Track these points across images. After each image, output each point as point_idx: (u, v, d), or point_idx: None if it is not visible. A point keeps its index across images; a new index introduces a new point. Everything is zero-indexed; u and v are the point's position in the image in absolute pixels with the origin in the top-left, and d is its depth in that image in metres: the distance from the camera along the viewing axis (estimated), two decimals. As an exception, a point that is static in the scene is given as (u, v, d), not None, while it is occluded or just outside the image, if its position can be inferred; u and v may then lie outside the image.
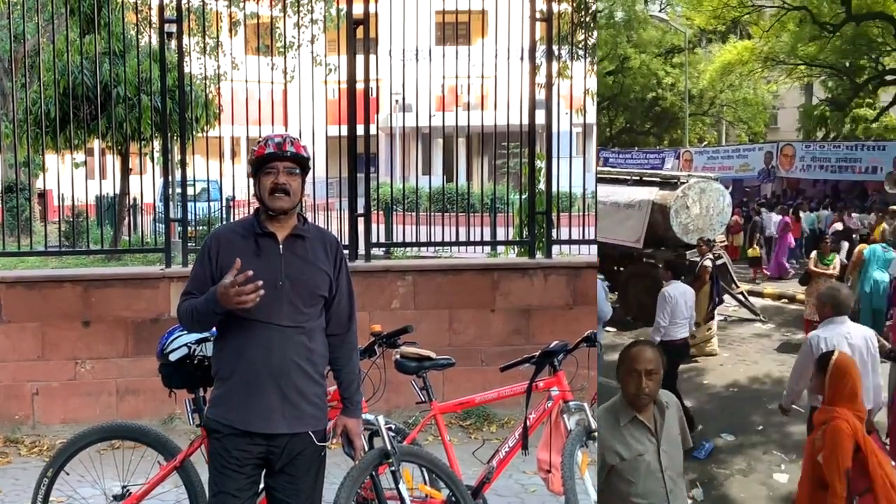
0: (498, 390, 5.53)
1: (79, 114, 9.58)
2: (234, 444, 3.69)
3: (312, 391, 3.75)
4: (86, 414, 7.48)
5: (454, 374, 6.52)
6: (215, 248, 3.75)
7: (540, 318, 8.07)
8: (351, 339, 3.94)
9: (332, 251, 3.86)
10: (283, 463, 3.72)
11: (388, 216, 11.43)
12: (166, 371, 4.60)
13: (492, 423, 7.76)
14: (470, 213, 8.88)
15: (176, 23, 8.04)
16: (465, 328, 8.03)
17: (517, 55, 8.52)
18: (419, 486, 5.05)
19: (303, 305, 3.72)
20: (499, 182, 12.18)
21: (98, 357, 7.67)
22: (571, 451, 5.07)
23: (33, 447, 7.32)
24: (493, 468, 5.32)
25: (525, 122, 8.53)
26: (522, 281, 8.14)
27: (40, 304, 7.64)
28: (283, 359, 3.67)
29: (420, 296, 8.00)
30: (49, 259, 10.42)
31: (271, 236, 3.75)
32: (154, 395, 7.07)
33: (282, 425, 3.68)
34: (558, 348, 5.43)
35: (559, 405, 5.30)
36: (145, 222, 14.37)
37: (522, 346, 7.38)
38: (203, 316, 3.68)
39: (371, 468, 4.49)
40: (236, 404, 3.69)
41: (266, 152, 3.72)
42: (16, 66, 14.09)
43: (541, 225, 8.63)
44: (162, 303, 7.70)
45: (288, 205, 3.73)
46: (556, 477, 5.12)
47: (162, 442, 4.84)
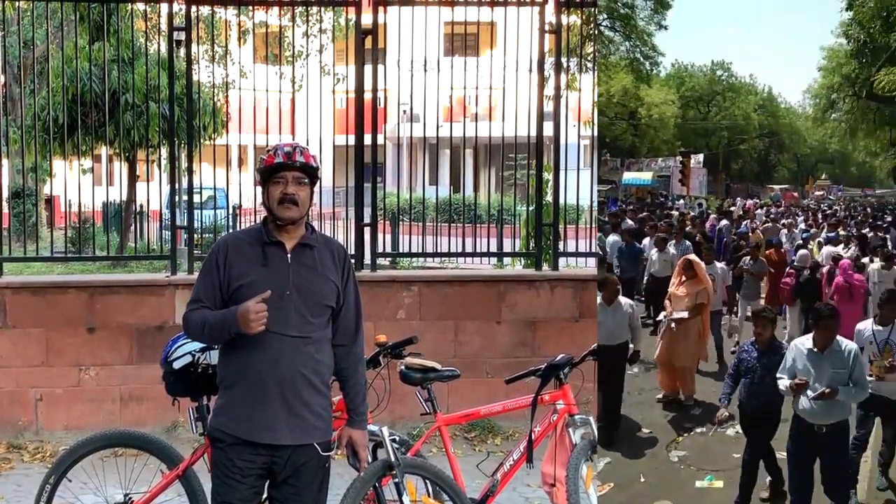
0: (503, 403, 5.50)
1: (87, 120, 9.62)
2: (238, 454, 3.66)
3: (318, 402, 3.73)
4: (89, 421, 7.46)
5: (459, 386, 6.49)
6: (223, 255, 3.74)
7: (546, 330, 8.04)
8: (357, 350, 3.92)
9: (340, 261, 3.84)
10: (286, 474, 3.70)
11: (394, 226, 11.43)
12: (170, 379, 4.58)
13: (496, 435, 7.73)
14: (476, 224, 8.86)
15: (185, 31, 8.06)
16: (470, 339, 8.00)
17: (525, 67, 8.51)
18: (423, 498, 5.02)
19: (310, 315, 3.70)
20: (506, 193, 12.15)
21: (102, 364, 7.66)
22: (576, 465, 5.04)
23: (36, 453, 7.31)
24: (498, 481, 5.29)
25: (533, 133, 8.52)
26: (528, 293, 8.12)
27: (45, 309, 7.63)
28: (289, 369, 3.65)
29: (426, 306, 7.98)
30: (55, 265, 10.43)
31: (279, 245, 3.73)
32: (158, 402, 7.04)
33: (286, 436, 3.66)
34: (564, 361, 5.39)
35: (564, 418, 5.27)
36: (151, 229, 14.43)
37: (528, 359, 7.36)
38: (216, 332, 3.67)
39: (374, 479, 4.46)
40: (241, 414, 3.67)
41: (275, 161, 3.71)
42: (25, 73, 14.14)
43: (547, 237, 8.61)
44: (167, 310, 7.68)
45: (296, 215, 3.71)
46: (561, 491, 5.09)
47: (165, 450, 4.82)
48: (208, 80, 10.47)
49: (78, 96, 9.48)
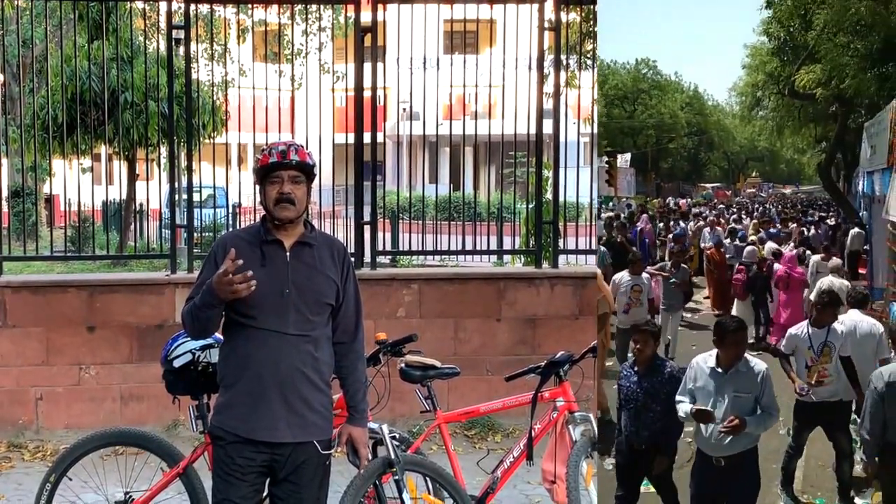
0: (503, 400, 5.50)
1: (86, 119, 9.61)
2: (238, 452, 3.67)
3: (318, 400, 3.73)
4: (89, 419, 7.47)
5: (459, 384, 6.50)
6: (222, 254, 3.72)
7: (546, 327, 8.04)
8: (357, 348, 3.92)
9: (340, 259, 3.84)
10: (287, 471, 3.70)
11: (394, 224, 11.43)
12: (170, 377, 4.60)
13: (496, 432, 7.73)
14: (476, 221, 8.86)
15: (184, 29, 8.06)
16: (470, 337, 8.01)
17: (525, 64, 8.51)
18: (423, 495, 5.03)
19: (309, 314, 3.70)
20: (506, 191, 12.15)
21: (102, 362, 7.66)
22: (576, 462, 5.05)
23: (36, 452, 7.31)
24: (498, 478, 5.29)
25: (532, 131, 8.52)
26: (528, 290, 8.12)
27: (45, 308, 7.64)
28: (289, 367, 3.65)
29: (426, 304, 7.98)
30: (55, 264, 10.45)
31: (278, 244, 3.73)
32: (158, 401, 7.05)
33: (286, 434, 3.66)
34: (564, 358, 5.40)
35: (564, 416, 5.28)
36: (151, 228, 14.43)
37: (528, 356, 7.36)
38: (201, 311, 3.65)
39: (375, 477, 4.47)
40: (241, 412, 3.67)
41: (270, 161, 3.70)
42: (24, 72, 14.13)
43: (547, 234, 8.61)
44: (167, 309, 7.69)
45: (293, 214, 3.71)
46: (561, 488, 5.10)
47: (165, 448, 4.82)
48: (208, 79, 10.47)
49: (77, 95, 9.47)
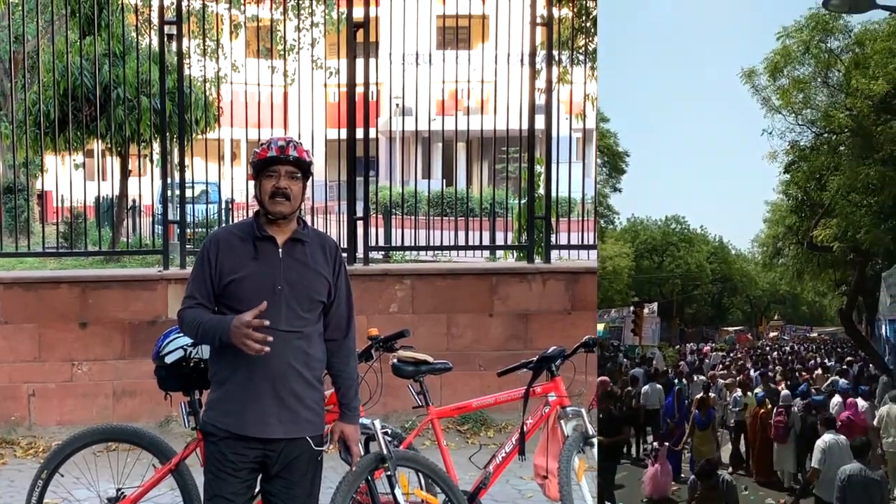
0: (495, 395, 5.51)
1: (79, 115, 9.58)
2: (230, 448, 3.67)
3: (310, 396, 3.74)
4: (82, 416, 7.46)
5: (451, 379, 6.51)
6: (214, 250, 3.73)
7: (538, 322, 8.06)
8: (349, 344, 3.92)
9: (332, 255, 3.84)
10: (279, 467, 3.71)
11: (387, 220, 11.43)
12: (162, 373, 4.58)
13: (489, 427, 7.75)
14: (469, 217, 8.87)
15: (176, 24, 8.03)
16: (462, 332, 8.02)
17: (517, 60, 8.51)
18: (415, 491, 5.03)
19: (301, 310, 3.71)
20: (498, 186, 12.16)
21: (95, 359, 7.65)
22: (568, 457, 5.05)
23: (29, 449, 7.30)
24: (490, 473, 5.30)
25: (525, 126, 8.53)
26: (521, 285, 8.13)
27: (38, 305, 7.62)
28: (281, 363, 3.65)
29: (418, 300, 7.99)
30: (47, 260, 10.42)
31: (271, 240, 3.73)
32: (150, 397, 7.04)
33: (278, 430, 3.66)
34: (556, 353, 5.40)
35: (556, 410, 5.28)
36: (144, 224, 14.41)
37: (520, 351, 7.37)
38: (207, 337, 3.69)
39: (367, 473, 4.47)
40: (233, 408, 3.67)
41: (268, 155, 3.70)
42: (16, 67, 14.09)
43: (540, 230, 8.63)
44: (159, 305, 7.68)
45: (288, 209, 3.71)
46: (553, 483, 5.10)
47: (157, 445, 4.82)
48: (200, 75, 10.45)
49: (69, 91, 9.44)
